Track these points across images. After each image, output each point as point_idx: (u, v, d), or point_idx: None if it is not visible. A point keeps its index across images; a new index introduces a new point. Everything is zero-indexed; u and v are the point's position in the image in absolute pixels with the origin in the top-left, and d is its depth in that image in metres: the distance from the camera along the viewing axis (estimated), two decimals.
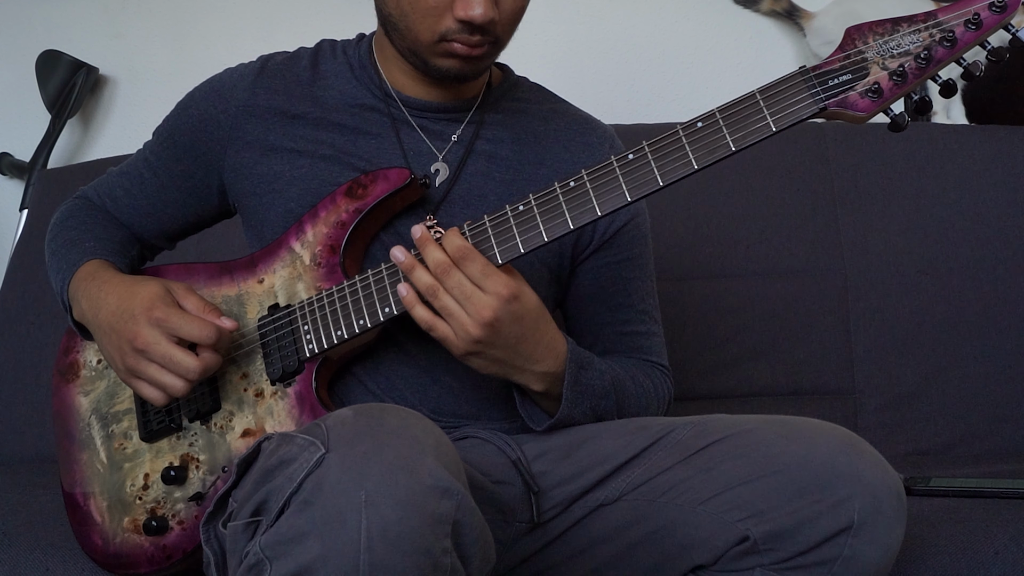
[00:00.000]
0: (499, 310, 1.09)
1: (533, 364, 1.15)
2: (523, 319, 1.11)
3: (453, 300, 1.09)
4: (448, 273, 1.09)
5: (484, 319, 1.08)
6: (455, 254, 1.09)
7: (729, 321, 1.87)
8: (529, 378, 1.16)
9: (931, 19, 1.04)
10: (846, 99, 1.05)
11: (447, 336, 1.11)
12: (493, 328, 1.09)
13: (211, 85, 1.34)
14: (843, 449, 1.04)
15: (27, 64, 2.34)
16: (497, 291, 1.09)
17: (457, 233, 1.11)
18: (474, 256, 1.09)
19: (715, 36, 2.20)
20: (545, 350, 1.15)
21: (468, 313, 1.09)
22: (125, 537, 1.22)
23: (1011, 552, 1.22)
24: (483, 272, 1.09)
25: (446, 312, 1.10)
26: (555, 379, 1.17)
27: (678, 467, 1.11)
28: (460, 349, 1.11)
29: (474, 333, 1.09)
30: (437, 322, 1.11)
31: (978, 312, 1.85)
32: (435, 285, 1.10)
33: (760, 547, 1.04)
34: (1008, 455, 1.76)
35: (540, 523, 1.17)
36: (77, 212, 1.39)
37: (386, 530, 0.86)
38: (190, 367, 1.15)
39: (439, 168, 1.29)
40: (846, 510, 1.00)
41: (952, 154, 1.93)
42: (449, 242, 1.10)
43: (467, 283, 1.09)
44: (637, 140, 1.10)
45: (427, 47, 1.20)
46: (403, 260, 1.11)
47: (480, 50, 1.20)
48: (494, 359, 1.13)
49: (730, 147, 1.06)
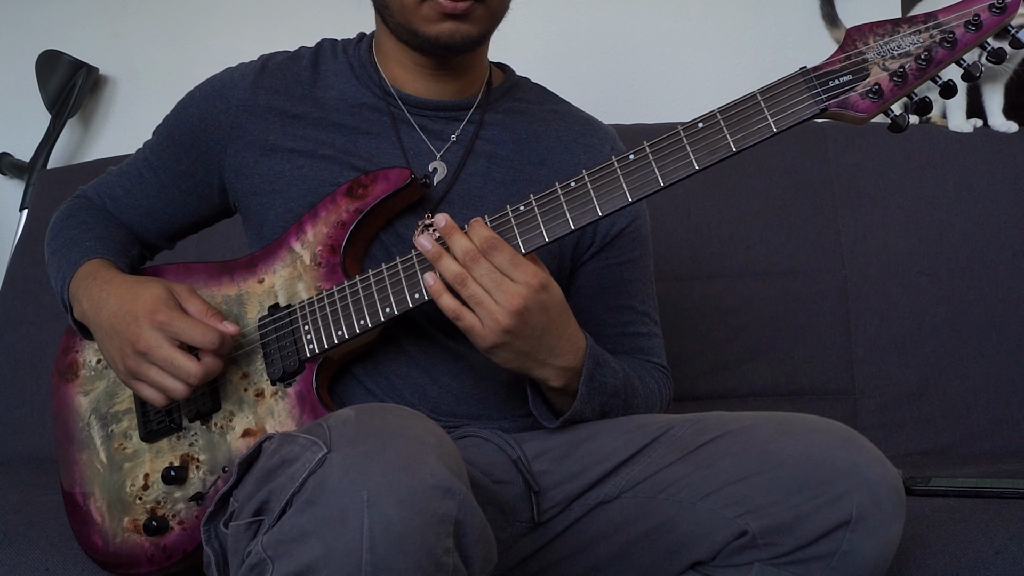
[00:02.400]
0: (528, 299, 1.08)
1: (555, 358, 1.14)
2: (549, 310, 1.11)
3: (482, 288, 1.08)
4: (477, 261, 1.08)
5: (514, 307, 1.07)
6: (482, 243, 1.09)
7: (729, 321, 1.87)
8: (549, 372, 1.15)
9: (931, 20, 1.04)
10: (847, 100, 1.05)
11: (473, 326, 1.09)
12: (521, 317, 1.08)
13: (211, 85, 1.34)
14: (841, 444, 1.04)
15: (27, 64, 2.34)
16: (526, 280, 1.08)
17: (483, 223, 1.10)
18: (502, 245, 1.09)
19: (715, 36, 2.20)
20: (567, 344, 1.14)
21: (497, 301, 1.08)
22: (125, 537, 1.22)
23: (1011, 552, 1.22)
24: (512, 261, 1.08)
25: (474, 301, 1.08)
26: (573, 375, 1.17)
27: (677, 464, 1.12)
28: (487, 340, 1.09)
29: (503, 322, 1.08)
30: (464, 311, 1.09)
31: (978, 312, 1.85)
32: (463, 273, 1.08)
33: (759, 542, 1.05)
34: (1008, 455, 1.76)
35: (541, 522, 1.17)
36: (77, 211, 1.39)
37: (388, 530, 0.86)
38: (192, 371, 1.15)
39: (437, 167, 1.29)
40: (844, 505, 1.01)
41: (952, 155, 1.93)
42: (476, 232, 1.09)
43: (496, 272, 1.08)
44: (637, 140, 1.10)
45: (413, 11, 1.20)
46: (430, 248, 1.10)
47: (465, 4, 1.19)
48: (519, 351, 1.11)
49: (731, 148, 1.06)
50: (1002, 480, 1.44)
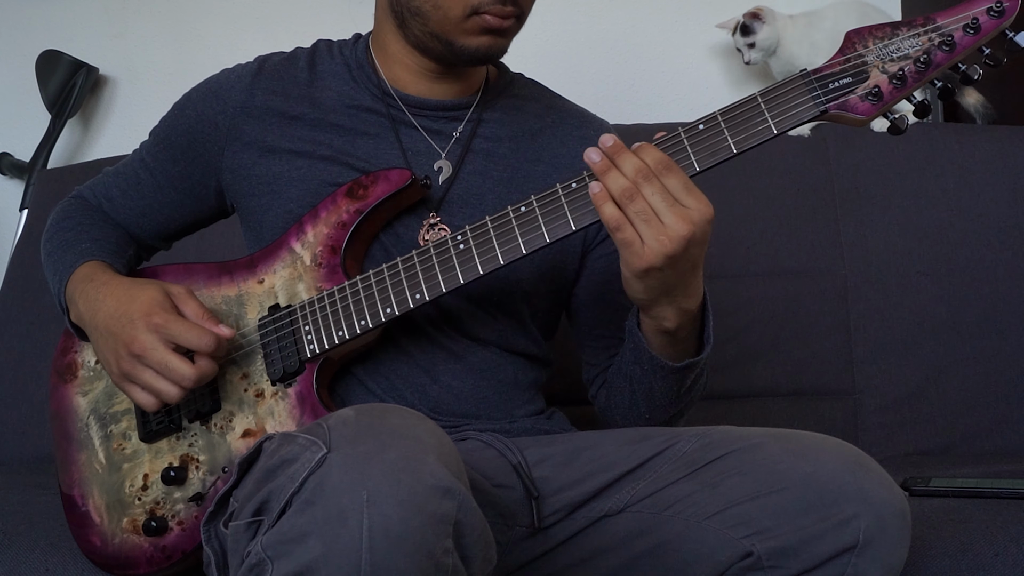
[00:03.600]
0: (698, 227, 1.04)
1: (685, 298, 1.11)
2: (705, 245, 1.07)
3: (650, 207, 1.04)
4: (649, 179, 1.04)
5: (683, 233, 1.03)
6: (656, 164, 1.04)
7: (729, 321, 1.87)
8: (672, 312, 1.12)
9: (930, 23, 1.04)
10: (846, 102, 1.05)
11: (634, 242, 1.04)
12: (686, 245, 1.04)
13: (208, 86, 1.34)
14: (850, 467, 1.03)
15: (27, 64, 2.34)
16: (699, 207, 1.04)
17: (653, 146, 1.07)
18: (676, 169, 1.05)
19: (715, 36, 2.20)
20: (697, 285, 1.12)
21: (665, 223, 1.03)
22: (124, 538, 1.22)
23: (1011, 554, 1.22)
24: (685, 186, 1.04)
25: (642, 216, 1.03)
26: (687, 319, 1.14)
27: (683, 481, 1.10)
28: (645, 260, 1.04)
29: (669, 246, 1.03)
30: (627, 224, 1.04)
31: (978, 313, 1.85)
32: (633, 188, 1.04)
33: (764, 563, 1.03)
34: (1008, 455, 1.76)
35: (541, 528, 1.17)
36: (74, 213, 1.39)
37: (388, 530, 0.86)
38: (185, 374, 1.15)
39: (442, 166, 1.29)
40: (851, 529, 1.00)
41: (952, 154, 1.93)
42: (648, 152, 1.05)
43: (667, 193, 1.04)
44: (638, 140, 1.10)
45: (456, 24, 1.20)
46: (597, 161, 1.06)
47: (509, 22, 1.20)
48: (665, 282, 1.07)
49: (732, 149, 1.07)
50: (1002, 480, 1.44)
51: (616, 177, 1.05)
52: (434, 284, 1.15)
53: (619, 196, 1.04)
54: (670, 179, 1.04)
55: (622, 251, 1.06)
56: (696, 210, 1.04)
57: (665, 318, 1.13)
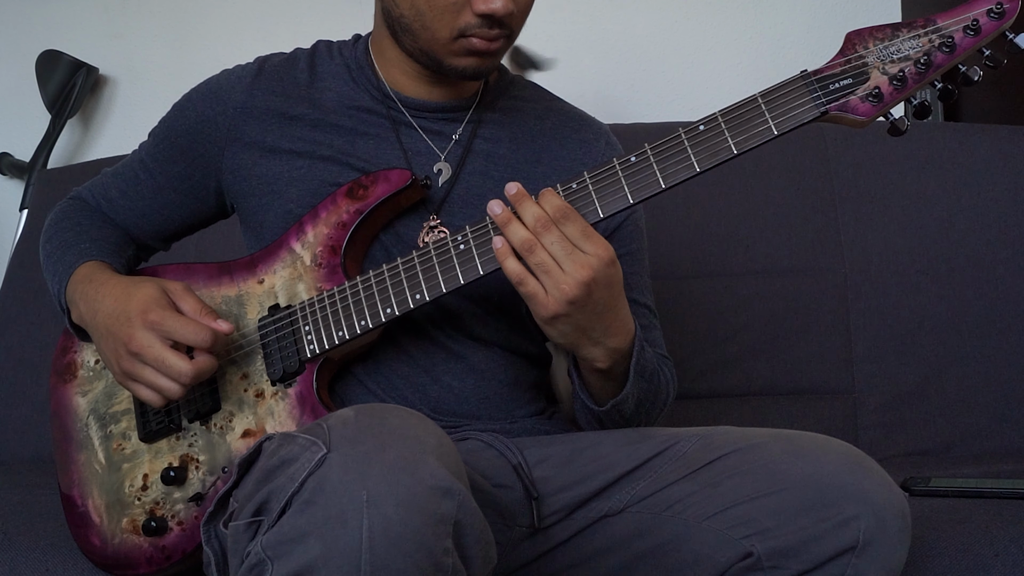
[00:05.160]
0: (597, 271, 1.07)
1: (608, 337, 1.13)
2: (612, 287, 1.09)
3: (550, 257, 1.07)
4: (548, 229, 1.07)
5: (582, 278, 1.06)
6: (555, 212, 1.07)
7: (729, 321, 1.87)
8: (599, 352, 1.14)
9: (930, 25, 1.04)
10: (847, 103, 1.05)
11: (537, 293, 1.08)
12: (588, 289, 1.07)
13: (208, 87, 1.34)
14: (850, 468, 1.03)
15: (27, 64, 2.34)
16: (597, 252, 1.07)
17: (554, 192, 1.10)
18: (575, 216, 1.08)
19: (715, 36, 2.21)
20: (620, 324, 1.14)
21: (565, 271, 1.06)
22: (124, 538, 1.22)
23: (1012, 554, 1.22)
24: (583, 232, 1.07)
25: (542, 268, 1.07)
26: (620, 357, 1.16)
27: (683, 481, 1.10)
28: (549, 309, 1.08)
29: (569, 292, 1.06)
30: (528, 277, 1.08)
31: (978, 312, 1.85)
32: (532, 240, 1.07)
33: (764, 564, 1.03)
34: (1008, 455, 1.76)
35: (541, 528, 1.17)
36: (72, 213, 1.39)
37: (387, 530, 0.86)
38: (183, 371, 1.15)
39: (441, 168, 1.29)
40: (851, 529, 1.00)
41: (952, 154, 1.93)
42: (548, 200, 1.08)
43: (566, 241, 1.07)
44: (637, 140, 1.10)
45: (443, 45, 1.20)
46: (499, 213, 1.09)
47: (497, 44, 1.20)
48: (577, 325, 1.10)
49: (732, 150, 1.07)
50: (1002, 480, 1.44)
51: (516, 229, 1.08)
52: (434, 284, 1.15)
53: (520, 249, 1.08)
54: (568, 227, 1.07)
55: (527, 302, 1.09)
56: (595, 256, 1.07)
57: (595, 359, 1.15)
